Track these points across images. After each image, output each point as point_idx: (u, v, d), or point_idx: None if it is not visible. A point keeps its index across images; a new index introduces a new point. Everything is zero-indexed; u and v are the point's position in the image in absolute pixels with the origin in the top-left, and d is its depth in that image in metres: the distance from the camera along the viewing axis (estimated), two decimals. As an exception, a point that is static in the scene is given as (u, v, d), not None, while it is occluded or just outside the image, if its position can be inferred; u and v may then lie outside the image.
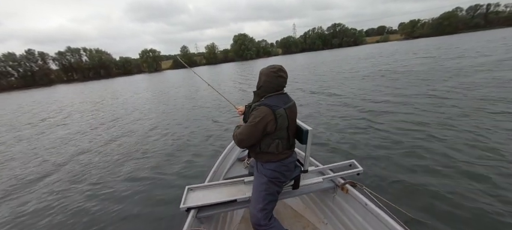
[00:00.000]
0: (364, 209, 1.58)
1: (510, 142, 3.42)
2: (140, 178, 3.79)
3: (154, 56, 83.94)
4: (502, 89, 6.26)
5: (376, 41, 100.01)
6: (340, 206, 1.82)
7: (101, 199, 3.29)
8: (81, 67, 74.85)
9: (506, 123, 4.11)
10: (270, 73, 1.47)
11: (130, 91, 20.46)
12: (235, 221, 2.19)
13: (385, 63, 16.37)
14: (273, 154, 1.49)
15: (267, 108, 1.39)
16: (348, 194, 1.73)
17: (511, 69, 8.74)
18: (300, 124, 1.61)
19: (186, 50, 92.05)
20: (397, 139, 3.96)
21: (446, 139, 3.75)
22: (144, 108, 10.68)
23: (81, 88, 33.75)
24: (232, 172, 2.39)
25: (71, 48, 75.53)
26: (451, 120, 4.55)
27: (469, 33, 59.75)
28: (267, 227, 1.44)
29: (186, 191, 1.79)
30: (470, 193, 2.49)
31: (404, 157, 3.37)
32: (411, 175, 2.90)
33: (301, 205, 2.26)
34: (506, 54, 13.17)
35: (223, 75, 25.33)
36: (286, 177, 1.58)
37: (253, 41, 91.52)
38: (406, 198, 2.48)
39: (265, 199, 1.48)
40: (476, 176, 2.76)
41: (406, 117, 5.02)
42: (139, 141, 5.79)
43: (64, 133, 7.59)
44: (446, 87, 7.34)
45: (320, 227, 1.95)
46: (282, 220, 2.11)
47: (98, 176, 4.05)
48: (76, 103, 16.13)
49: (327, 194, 1.96)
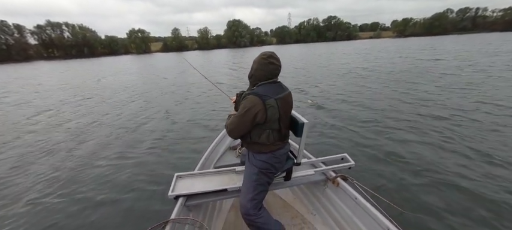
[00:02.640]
0: (354, 203, 1.59)
1: (498, 139, 3.62)
2: (128, 165, 3.67)
3: (143, 37, 79.68)
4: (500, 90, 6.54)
5: (369, 37, 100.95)
6: (330, 199, 1.84)
7: (86, 186, 3.16)
8: (63, 44, 69.96)
9: (493, 118, 4.31)
10: (261, 60, 1.41)
11: (118, 73, 19.54)
12: (224, 210, 2.17)
13: (381, 58, 16.63)
14: (264, 144, 1.45)
15: (257, 98, 1.33)
16: (339, 187, 1.75)
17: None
18: (296, 116, 1.56)
19: (177, 32, 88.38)
20: (390, 135, 4.06)
21: (438, 136, 3.89)
22: (133, 92, 10.27)
23: (62, 66, 31.83)
24: (224, 160, 2.33)
25: (51, 22, 70.07)
26: (443, 117, 4.71)
27: (456, 35, 61.66)
28: (256, 217, 1.44)
29: (175, 178, 1.75)
30: (459, 189, 2.60)
31: (396, 152, 3.46)
32: (402, 171, 2.99)
33: (291, 196, 2.27)
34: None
35: (217, 62, 24.73)
36: (277, 169, 1.55)
37: (248, 28, 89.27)
38: (396, 193, 2.56)
39: (255, 190, 1.47)
40: (466, 171, 2.90)
41: (400, 114, 5.13)
42: (127, 126, 5.58)
43: (32, 111, 7.18)
44: (439, 86, 7.57)
45: (308, 218, 1.97)
46: (271, 210, 2.12)
47: (81, 164, 3.88)
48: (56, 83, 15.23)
49: (317, 186, 1.97)
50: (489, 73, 9.04)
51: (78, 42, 70.13)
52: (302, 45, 67.75)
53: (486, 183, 2.68)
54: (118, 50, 77.10)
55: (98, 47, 74.22)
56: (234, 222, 2.00)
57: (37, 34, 68.36)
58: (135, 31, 79.31)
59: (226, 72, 15.52)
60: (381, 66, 13.45)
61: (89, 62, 38.41)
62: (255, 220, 1.43)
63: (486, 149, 3.41)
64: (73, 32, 71.80)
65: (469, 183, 2.68)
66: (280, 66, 1.46)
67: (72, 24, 72.83)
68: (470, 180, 2.74)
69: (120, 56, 63.13)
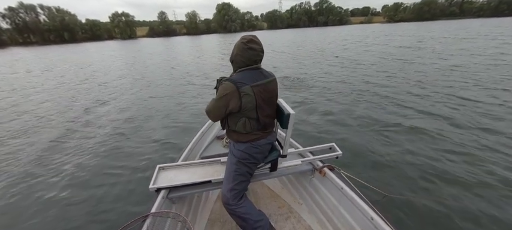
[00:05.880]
0: (340, 192, 1.58)
1: (491, 121, 3.83)
2: (108, 156, 3.52)
3: (127, 21, 75.31)
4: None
5: (360, 22, 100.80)
6: (317, 188, 1.83)
7: (59, 181, 3.01)
8: (40, 28, 65.04)
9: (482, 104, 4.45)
10: (240, 45, 1.31)
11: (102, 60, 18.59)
12: (210, 201, 2.13)
13: (377, 44, 16.66)
14: (241, 133, 1.40)
15: (231, 84, 1.27)
16: (325, 177, 1.73)
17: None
18: (283, 106, 1.48)
19: (164, 16, 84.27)
20: (379, 124, 4.06)
21: (427, 126, 3.92)
22: (118, 81, 9.81)
23: (38, 53, 29.86)
24: (211, 150, 2.27)
25: (23, 4, 64.74)
26: (433, 107, 4.76)
27: (445, 21, 62.63)
28: (236, 207, 1.42)
29: (157, 170, 1.68)
30: (441, 173, 2.68)
31: (384, 142, 3.47)
32: (389, 159, 3.01)
33: (278, 186, 2.25)
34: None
35: (208, 48, 23.98)
36: (257, 159, 1.49)
37: (238, 12, 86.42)
38: (381, 179, 2.60)
39: (235, 179, 1.44)
40: (449, 156, 3.00)
41: (391, 104, 5.13)
42: (113, 114, 5.34)
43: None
44: (432, 75, 7.67)
45: (295, 207, 1.97)
46: (258, 199, 2.10)
47: (53, 156, 3.68)
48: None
49: (305, 176, 1.96)
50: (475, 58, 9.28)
51: (56, 27, 65.40)
52: (294, 30, 66.61)
53: (467, 168, 2.79)
54: (101, 35, 72.91)
55: (78, 31, 69.75)
56: (219, 213, 1.97)
57: (9, 17, 63.08)
58: (119, 15, 74.77)
59: (220, 57, 15.10)
60: (375, 56, 13.49)
61: (71, 48, 36.23)
62: (235, 209, 1.42)
63: (469, 135, 3.54)
64: (49, 15, 66.83)
65: (451, 167, 2.79)
66: (262, 51, 1.36)
67: (47, 7, 67.72)
68: (453, 164, 2.85)
69: (104, 42, 59.90)
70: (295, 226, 1.78)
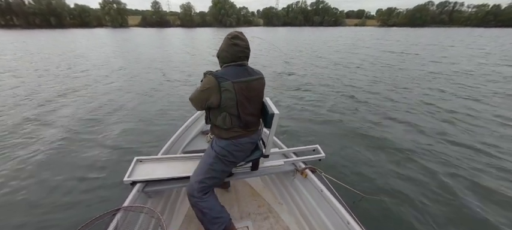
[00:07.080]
0: (319, 195, 1.58)
1: (471, 128, 3.96)
2: (79, 147, 3.34)
3: (118, 9, 72.58)
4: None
5: (355, 24, 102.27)
6: (297, 189, 1.82)
7: (23, 171, 2.84)
8: (24, 11, 61.52)
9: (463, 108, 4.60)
10: (226, 40, 1.32)
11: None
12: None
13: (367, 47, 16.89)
14: (222, 129, 1.38)
15: (213, 79, 1.27)
16: (306, 179, 1.72)
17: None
18: (268, 105, 1.45)
19: (158, 6, 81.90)
20: (364, 128, 4.08)
21: (411, 129, 4.01)
22: (103, 68, 9.45)
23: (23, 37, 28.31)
24: (193, 145, 2.21)
25: (6, -16, 60.87)
26: (416, 110, 4.88)
27: (435, 28, 64.53)
28: (199, 200, 1.38)
29: (134, 162, 1.62)
30: (429, 180, 2.73)
31: (368, 144, 3.49)
32: (370, 162, 3.04)
33: (260, 185, 2.23)
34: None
35: (203, 41, 23.53)
36: (237, 158, 1.46)
37: (234, 7, 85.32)
38: (362, 184, 2.59)
39: (207, 173, 1.41)
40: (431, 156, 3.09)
41: (377, 108, 5.21)
42: (97, 101, 5.13)
43: None
44: (421, 79, 7.85)
45: (275, 207, 1.95)
46: (238, 197, 2.08)
47: (21, 145, 3.46)
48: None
49: (287, 176, 1.95)
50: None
51: (42, 10, 62.08)
52: (290, 28, 66.51)
53: (445, 163, 2.91)
54: (90, 21, 69.95)
55: (66, 17, 66.59)
56: None
57: (-10, -3, 59.26)
58: (110, 1, 71.89)
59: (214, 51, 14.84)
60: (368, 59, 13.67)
61: (57, 33, 34.53)
62: (198, 202, 1.37)
63: (451, 134, 3.70)
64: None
65: (433, 165, 2.89)
66: (248, 48, 1.33)
67: (33, -11, 64.02)
68: (434, 162, 2.93)
69: (93, 29, 57.53)
70: (274, 226, 1.77)
